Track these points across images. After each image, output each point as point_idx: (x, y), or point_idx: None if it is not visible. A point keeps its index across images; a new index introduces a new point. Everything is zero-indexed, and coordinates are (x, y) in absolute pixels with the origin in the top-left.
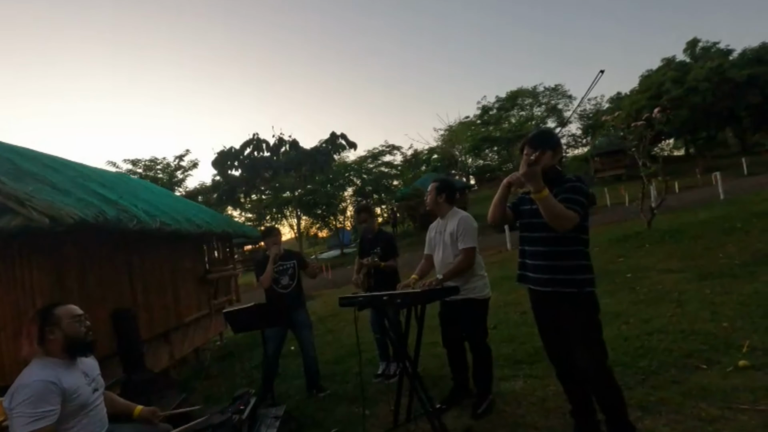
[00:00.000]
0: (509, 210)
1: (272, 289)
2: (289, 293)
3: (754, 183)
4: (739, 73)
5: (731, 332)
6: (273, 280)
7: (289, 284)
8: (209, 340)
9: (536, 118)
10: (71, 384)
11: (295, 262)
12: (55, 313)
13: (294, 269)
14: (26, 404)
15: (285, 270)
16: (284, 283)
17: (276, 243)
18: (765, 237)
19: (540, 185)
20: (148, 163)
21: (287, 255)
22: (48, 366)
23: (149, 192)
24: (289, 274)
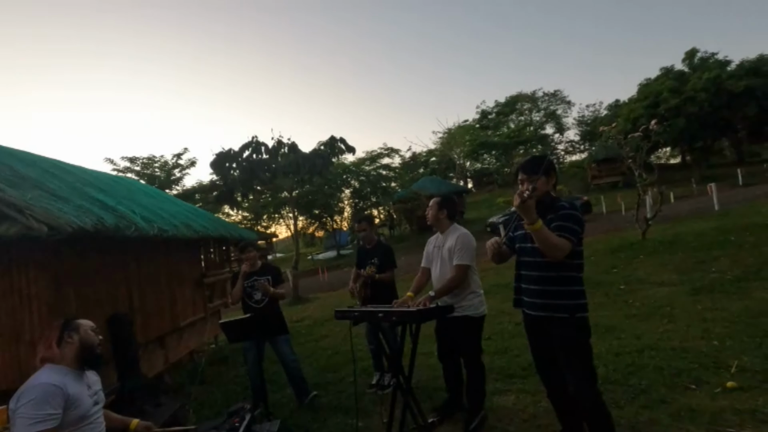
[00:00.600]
0: (506, 248)
1: (245, 303)
2: (261, 308)
3: (749, 194)
4: (736, 84)
5: (721, 351)
6: (246, 295)
7: (262, 299)
8: (204, 344)
9: (535, 123)
10: (75, 392)
11: (270, 277)
12: (77, 322)
13: (269, 284)
14: (30, 405)
15: (259, 285)
16: (257, 298)
17: (249, 259)
18: (757, 251)
19: (533, 218)
20: (146, 161)
21: (263, 270)
22: (57, 372)
23: (147, 196)
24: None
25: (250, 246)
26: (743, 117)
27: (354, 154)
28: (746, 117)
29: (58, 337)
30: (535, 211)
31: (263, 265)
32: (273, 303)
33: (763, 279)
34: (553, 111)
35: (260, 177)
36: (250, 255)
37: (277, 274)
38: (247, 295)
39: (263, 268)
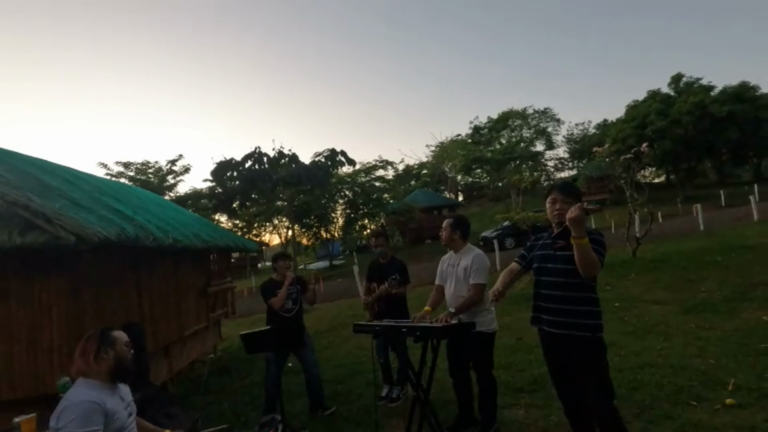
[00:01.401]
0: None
1: (276, 312)
2: (292, 317)
3: (731, 215)
4: (719, 109)
5: (717, 369)
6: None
7: (292, 308)
8: (205, 354)
9: (525, 140)
10: (112, 407)
11: (299, 287)
12: (113, 335)
13: (297, 294)
14: (74, 424)
15: (290, 294)
16: (288, 307)
17: (289, 267)
18: (742, 272)
19: (584, 232)
20: (140, 167)
21: (293, 280)
22: (93, 387)
23: (157, 206)
24: (293, 298)
25: (282, 257)
26: (726, 141)
27: (354, 167)
28: (728, 141)
29: (95, 353)
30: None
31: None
32: (300, 313)
33: (750, 300)
34: (544, 128)
35: (261, 187)
36: (281, 264)
37: (304, 283)
38: None
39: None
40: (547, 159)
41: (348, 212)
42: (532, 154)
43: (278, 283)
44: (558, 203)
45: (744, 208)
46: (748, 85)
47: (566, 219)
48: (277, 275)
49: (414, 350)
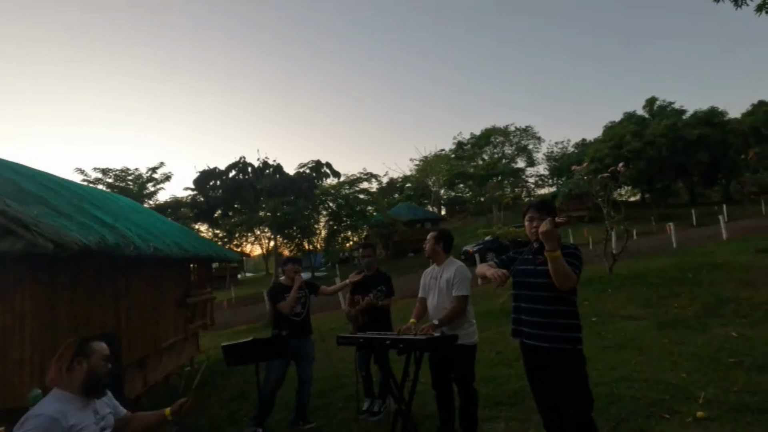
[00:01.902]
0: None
1: (286, 315)
2: (300, 321)
3: (702, 234)
4: (690, 132)
5: (689, 383)
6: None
7: (301, 312)
8: (181, 366)
9: (507, 156)
10: (78, 421)
11: (307, 291)
12: (91, 346)
13: (306, 297)
14: None
15: (299, 298)
16: (297, 311)
17: (298, 271)
18: (712, 289)
19: (556, 245)
20: (119, 173)
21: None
22: (61, 400)
23: (138, 214)
24: (301, 302)
25: (291, 261)
26: (696, 162)
27: (339, 179)
28: (699, 162)
29: (69, 362)
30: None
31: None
32: (308, 317)
33: (720, 316)
34: (525, 146)
35: (244, 197)
36: (290, 268)
37: (313, 287)
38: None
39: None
40: (528, 175)
41: (331, 224)
42: (513, 170)
43: (287, 286)
44: (535, 221)
45: (714, 228)
46: (717, 110)
47: (539, 233)
48: (286, 279)
49: (396, 363)
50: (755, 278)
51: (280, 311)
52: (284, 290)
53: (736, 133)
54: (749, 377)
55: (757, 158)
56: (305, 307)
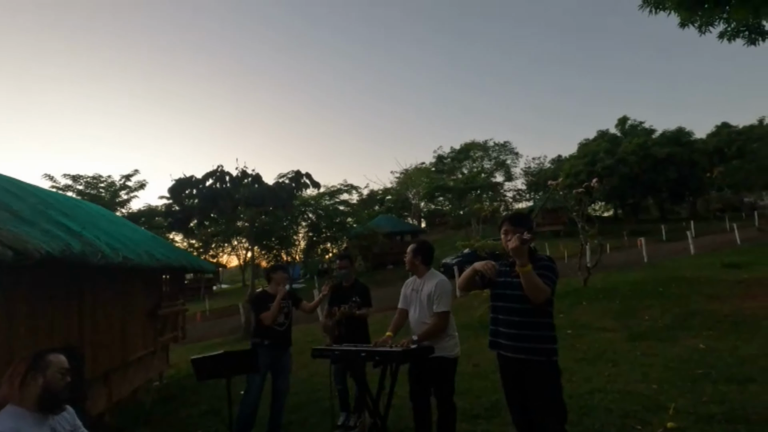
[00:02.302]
0: (477, 279)
1: (269, 326)
2: (283, 332)
3: (671, 249)
4: (659, 151)
5: (659, 394)
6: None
7: (284, 323)
8: (149, 381)
9: (486, 170)
10: None
11: (290, 302)
12: (48, 359)
13: (289, 308)
14: None
15: (283, 308)
16: (279, 321)
17: (284, 280)
18: (682, 302)
19: (526, 260)
20: (91, 180)
21: (286, 294)
22: (15, 417)
23: (109, 222)
24: (284, 312)
25: (279, 269)
26: (665, 180)
27: (319, 190)
28: (668, 180)
29: (22, 376)
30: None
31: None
32: (290, 327)
33: (689, 328)
34: (503, 161)
35: (221, 206)
36: (279, 276)
37: (295, 299)
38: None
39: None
40: (506, 190)
41: (310, 235)
42: (492, 184)
43: (271, 295)
44: (510, 233)
45: (682, 243)
46: (684, 131)
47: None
48: (272, 287)
49: (373, 376)
50: (721, 292)
51: (263, 321)
52: (269, 299)
53: (701, 152)
54: (716, 388)
55: (722, 177)
56: (288, 317)
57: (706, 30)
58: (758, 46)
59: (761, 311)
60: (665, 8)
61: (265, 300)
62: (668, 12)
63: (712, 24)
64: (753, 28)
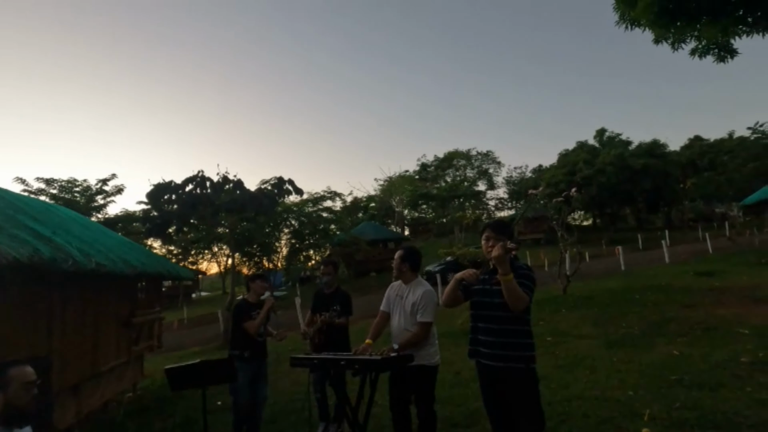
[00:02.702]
0: (460, 293)
1: (250, 336)
2: (262, 342)
3: (647, 257)
4: (636, 162)
5: (635, 400)
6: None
7: (263, 333)
8: (122, 392)
9: (469, 179)
10: None
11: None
12: (9, 374)
13: (269, 318)
14: None
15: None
16: (261, 331)
17: (257, 289)
18: (657, 309)
19: (508, 269)
20: (65, 184)
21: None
22: None
23: (82, 227)
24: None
25: (259, 277)
26: (641, 190)
27: (301, 196)
28: (644, 190)
29: None
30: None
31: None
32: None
33: (664, 335)
34: (486, 170)
35: (201, 212)
36: (258, 285)
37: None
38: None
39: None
40: (489, 198)
41: (293, 242)
42: (474, 192)
43: (253, 304)
44: (491, 240)
45: (658, 252)
46: (659, 143)
47: (491, 258)
48: (251, 296)
49: (352, 385)
50: (694, 299)
51: (246, 330)
52: (250, 308)
53: (675, 164)
54: (689, 394)
55: (694, 188)
56: (265, 328)
57: (679, 47)
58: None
59: (732, 318)
60: (640, 25)
61: (246, 309)
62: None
63: (684, 41)
64: (722, 47)
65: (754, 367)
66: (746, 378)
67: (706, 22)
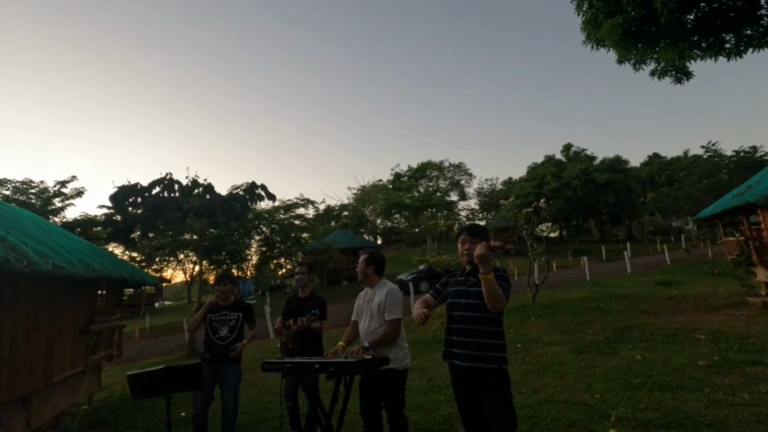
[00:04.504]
0: (431, 298)
1: (209, 338)
2: (224, 345)
3: (611, 268)
4: (600, 177)
5: (602, 403)
6: (211, 329)
7: (227, 336)
8: (77, 404)
9: (441, 190)
10: None
11: (241, 315)
12: None
13: (237, 322)
14: None
15: (227, 321)
16: (222, 335)
17: (223, 292)
18: (620, 316)
19: (490, 268)
20: (20, 186)
21: (234, 305)
22: None
23: (38, 227)
24: (230, 325)
25: (225, 278)
26: (605, 203)
27: (273, 202)
28: (607, 204)
29: None
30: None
31: (236, 300)
32: (238, 341)
33: (627, 341)
34: (458, 180)
35: (168, 217)
36: (226, 288)
37: (249, 313)
38: (212, 330)
39: (235, 304)
40: (460, 209)
41: (263, 250)
42: (447, 203)
43: (221, 306)
44: (467, 243)
45: (620, 263)
46: (621, 159)
47: (474, 257)
48: (215, 298)
49: (325, 393)
50: (654, 307)
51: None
52: (215, 309)
53: (635, 179)
54: (652, 396)
55: (653, 202)
56: (234, 332)
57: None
58: (683, 85)
59: (689, 324)
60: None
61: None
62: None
63: (644, 62)
64: (679, 69)
65: (710, 370)
66: (704, 380)
67: (665, 45)
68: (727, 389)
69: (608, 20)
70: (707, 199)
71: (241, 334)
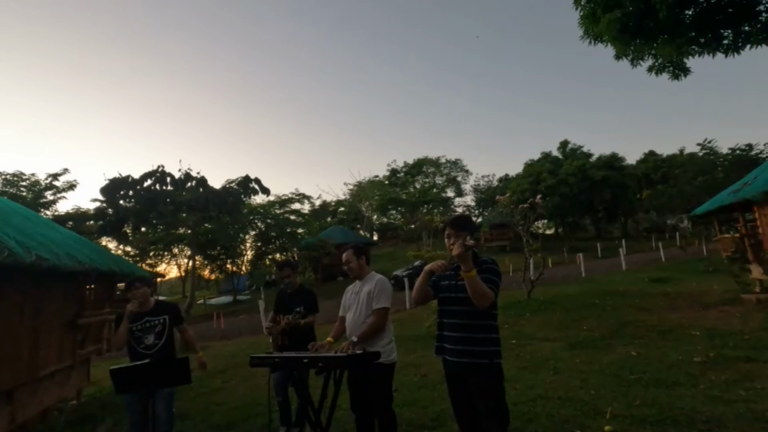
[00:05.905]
0: (430, 289)
1: (133, 350)
2: (152, 354)
3: (606, 265)
4: (596, 173)
5: (597, 399)
6: (135, 339)
7: (154, 344)
8: (64, 399)
9: (437, 186)
10: None
11: (167, 317)
12: None
13: (164, 326)
14: None
15: (152, 327)
16: (148, 343)
17: (138, 297)
18: (615, 313)
19: (470, 265)
20: (10, 178)
21: (157, 309)
22: None
23: (23, 218)
24: (156, 331)
25: (138, 281)
26: (601, 200)
27: (268, 196)
28: (603, 201)
29: None
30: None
31: (157, 303)
32: (168, 349)
33: (622, 337)
34: (454, 177)
35: (160, 210)
36: (139, 292)
37: (175, 314)
38: (135, 340)
39: (157, 308)
40: (457, 205)
41: (258, 245)
42: (443, 199)
43: (135, 314)
44: (452, 237)
45: (615, 259)
46: (617, 156)
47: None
48: (133, 305)
49: (315, 389)
50: (649, 304)
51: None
52: (133, 318)
53: (631, 177)
54: (647, 392)
55: (649, 200)
56: (162, 337)
57: (637, 63)
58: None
59: (684, 321)
60: (603, 40)
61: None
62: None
63: (642, 58)
64: (676, 65)
65: (705, 366)
66: (699, 376)
67: (663, 41)
68: (723, 385)
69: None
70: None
71: (172, 339)
